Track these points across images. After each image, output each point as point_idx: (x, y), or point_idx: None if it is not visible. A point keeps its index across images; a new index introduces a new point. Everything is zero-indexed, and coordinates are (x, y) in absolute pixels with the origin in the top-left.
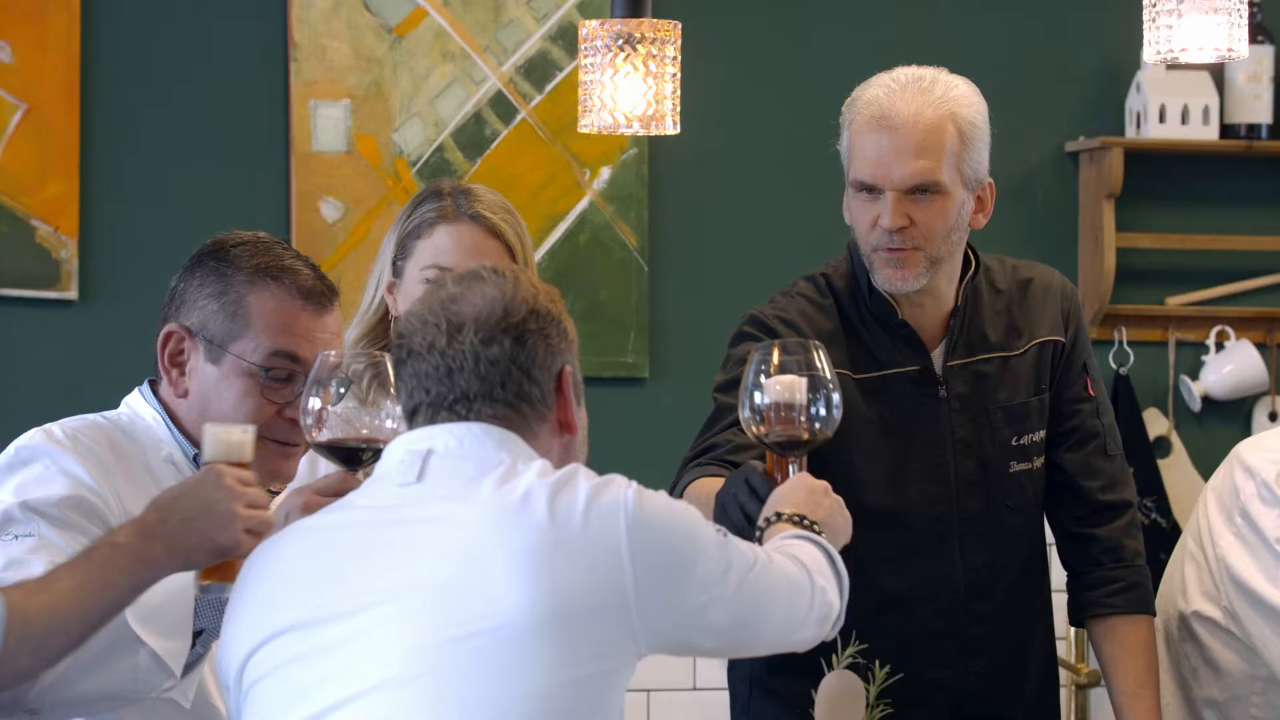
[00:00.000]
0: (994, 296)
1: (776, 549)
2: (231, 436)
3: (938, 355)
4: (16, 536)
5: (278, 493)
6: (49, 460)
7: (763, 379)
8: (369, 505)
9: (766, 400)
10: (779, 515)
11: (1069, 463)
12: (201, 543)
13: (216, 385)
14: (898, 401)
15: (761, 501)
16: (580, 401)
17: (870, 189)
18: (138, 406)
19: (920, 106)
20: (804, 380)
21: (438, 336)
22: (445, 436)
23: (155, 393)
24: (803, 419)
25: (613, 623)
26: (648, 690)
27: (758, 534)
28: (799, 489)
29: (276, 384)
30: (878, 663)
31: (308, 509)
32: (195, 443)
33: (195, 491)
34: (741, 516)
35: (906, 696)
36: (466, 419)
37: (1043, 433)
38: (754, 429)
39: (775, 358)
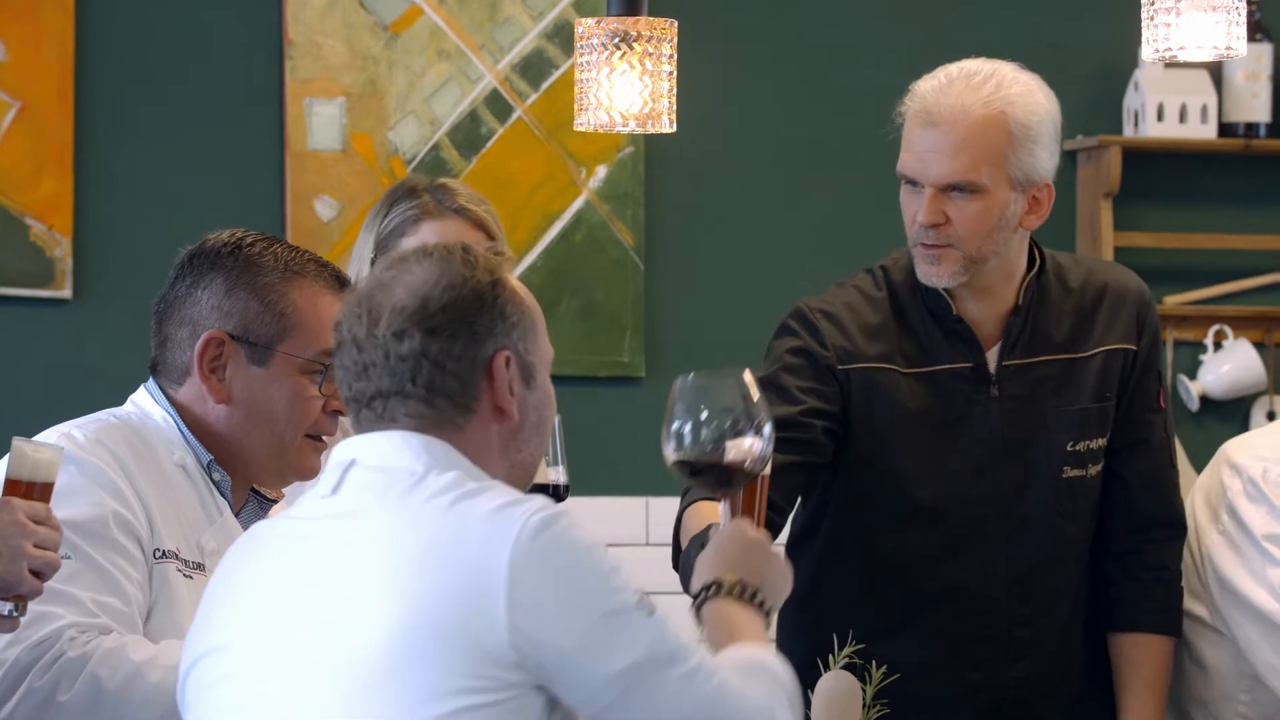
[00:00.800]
0: (1063, 296)
1: (738, 666)
2: (41, 455)
3: (993, 354)
4: (65, 557)
5: (275, 501)
6: (76, 469)
7: (688, 419)
8: (299, 516)
9: (690, 440)
10: (719, 585)
11: (1133, 475)
12: None
13: (267, 387)
14: (948, 398)
15: None
16: (530, 384)
17: (914, 183)
18: (147, 406)
19: (968, 104)
20: (731, 417)
21: (358, 328)
22: (370, 447)
23: (165, 394)
24: (733, 454)
25: (487, 655)
26: None
27: (696, 600)
28: (735, 543)
29: (329, 379)
30: (874, 662)
31: None
32: (210, 448)
33: None
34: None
35: (944, 697)
36: (384, 417)
37: (1102, 441)
38: (679, 468)
39: (698, 390)
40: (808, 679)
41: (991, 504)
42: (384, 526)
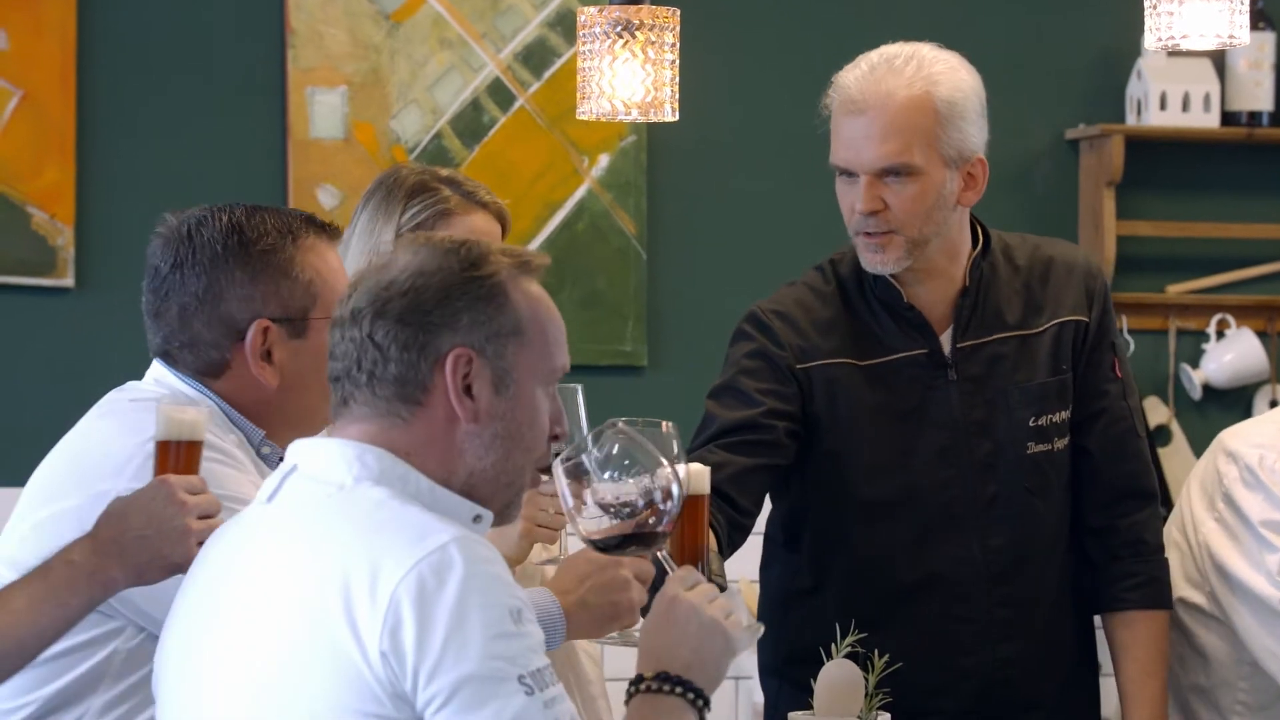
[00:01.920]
0: (1012, 274)
1: None
2: (185, 416)
3: (946, 338)
4: None
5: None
6: (220, 453)
7: (600, 475)
8: (247, 523)
9: (606, 499)
10: (641, 679)
11: (1097, 446)
12: (155, 560)
13: (308, 355)
14: (907, 386)
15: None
16: (502, 392)
17: (848, 173)
18: (178, 389)
19: (892, 87)
20: (645, 475)
21: (342, 304)
22: (310, 453)
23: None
24: (651, 511)
25: (365, 684)
26: None
27: (626, 696)
28: (663, 621)
29: None
30: (876, 652)
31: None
32: (260, 425)
33: (146, 506)
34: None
35: (932, 684)
36: (343, 403)
37: (1065, 414)
38: (588, 528)
39: (606, 448)
40: (805, 674)
41: (959, 487)
42: (299, 542)
